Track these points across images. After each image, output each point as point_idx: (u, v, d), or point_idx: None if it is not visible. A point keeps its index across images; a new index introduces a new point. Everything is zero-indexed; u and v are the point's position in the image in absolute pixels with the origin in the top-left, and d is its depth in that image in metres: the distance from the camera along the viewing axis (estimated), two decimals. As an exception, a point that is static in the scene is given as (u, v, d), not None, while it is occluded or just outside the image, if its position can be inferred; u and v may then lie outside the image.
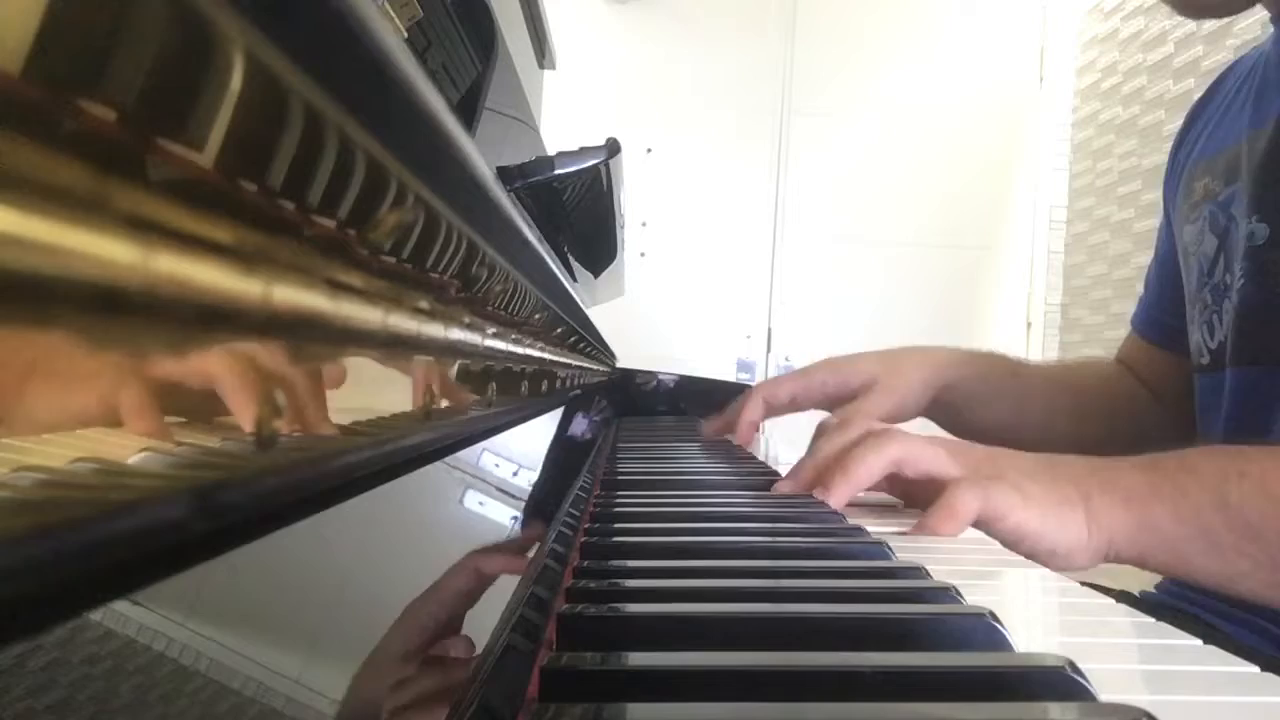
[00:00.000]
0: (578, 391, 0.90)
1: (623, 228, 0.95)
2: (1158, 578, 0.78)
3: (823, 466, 0.59)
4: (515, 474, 0.44)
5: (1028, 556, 0.50)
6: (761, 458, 0.86)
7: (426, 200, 0.21)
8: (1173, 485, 0.52)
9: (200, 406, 0.15)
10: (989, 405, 0.88)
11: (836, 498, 0.55)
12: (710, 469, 0.77)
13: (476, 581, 0.30)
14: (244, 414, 0.16)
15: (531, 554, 0.37)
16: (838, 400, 0.87)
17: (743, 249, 2.84)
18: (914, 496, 0.61)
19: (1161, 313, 0.92)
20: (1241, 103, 0.77)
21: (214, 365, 0.15)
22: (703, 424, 0.97)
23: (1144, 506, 0.52)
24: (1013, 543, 0.51)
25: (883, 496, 0.63)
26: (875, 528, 0.50)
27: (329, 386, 0.20)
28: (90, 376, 0.12)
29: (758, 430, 0.91)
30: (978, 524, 0.52)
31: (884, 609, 0.30)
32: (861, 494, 0.58)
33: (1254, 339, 0.71)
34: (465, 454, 0.36)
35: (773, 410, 0.90)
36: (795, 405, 0.89)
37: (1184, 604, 0.73)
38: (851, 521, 0.48)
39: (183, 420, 0.15)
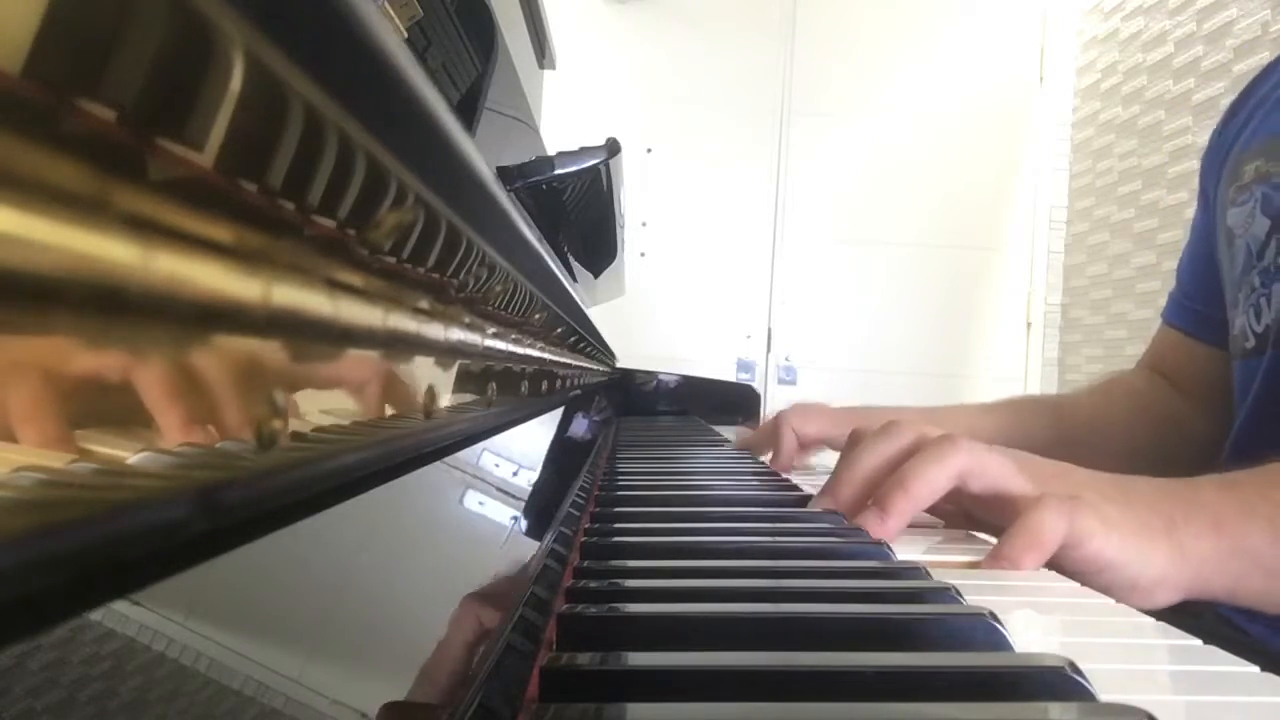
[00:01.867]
0: (578, 391, 0.90)
1: (623, 228, 0.95)
2: None
3: (871, 479, 0.51)
4: (515, 474, 0.44)
5: (1103, 590, 0.43)
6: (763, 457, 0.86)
7: (426, 200, 0.21)
8: (1268, 503, 0.46)
9: (199, 406, 0.15)
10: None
11: (896, 518, 0.47)
12: (710, 469, 0.77)
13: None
14: (244, 415, 0.16)
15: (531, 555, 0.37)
16: None
17: (743, 249, 2.84)
18: (975, 516, 0.52)
19: (1193, 301, 0.89)
20: None
21: (213, 365, 0.15)
22: (719, 434, 0.95)
23: (1237, 528, 0.46)
24: (1088, 573, 0.44)
25: (922, 516, 0.54)
26: (928, 557, 0.45)
27: (330, 386, 0.20)
28: (90, 376, 0.12)
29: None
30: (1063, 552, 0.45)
31: (884, 609, 0.30)
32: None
33: None
34: (465, 454, 0.36)
35: (801, 448, 0.84)
36: (820, 445, 0.85)
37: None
38: (901, 555, 0.41)
39: (183, 420, 0.15)
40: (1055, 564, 0.45)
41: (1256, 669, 0.29)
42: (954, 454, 0.48)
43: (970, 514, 0.52)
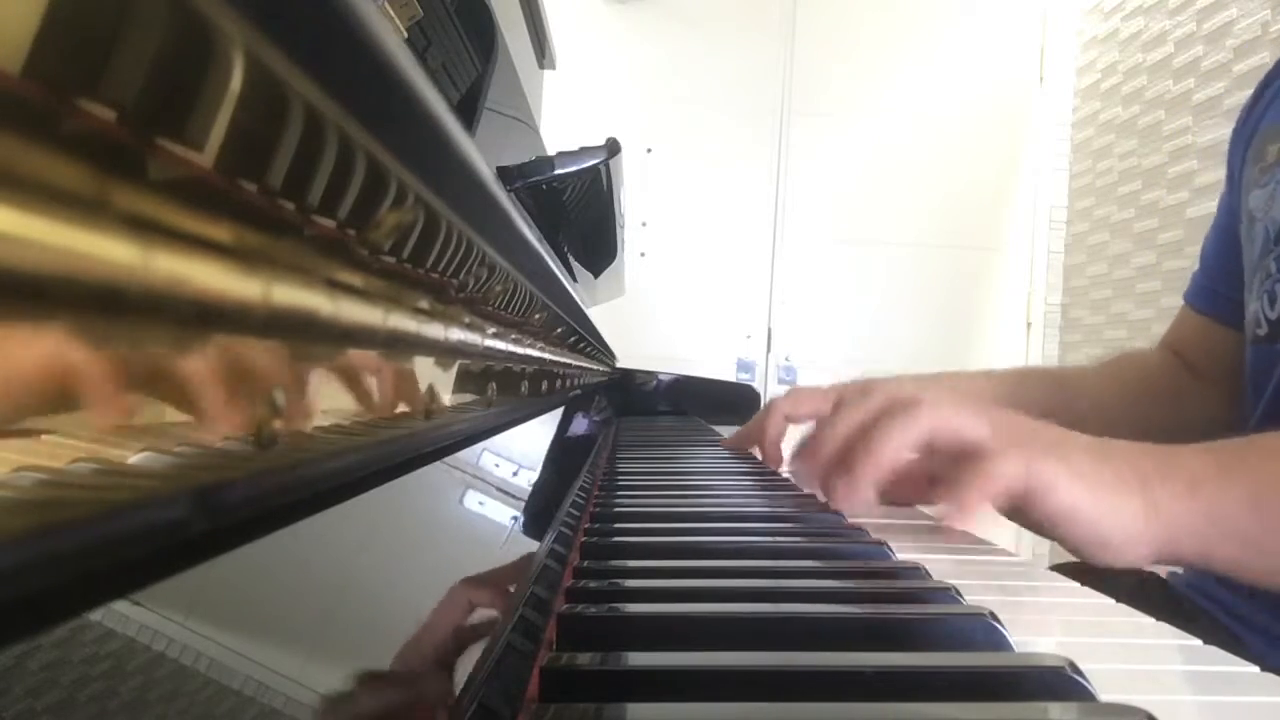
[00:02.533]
0: (578, 391, 0.90)
1: (623, 228, 0.95)
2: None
3: (845, 443, 0.51)
4: (515, 474, 0.44)
5: (1073, 548, 0.44)
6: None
7: (426, 200, 0.21)
8: (1246, 469, 0.45)
9: (199, 406, 0.15)
10: None
11: (862, 480, 0.48)
12: (710, 469, 0.77)
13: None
14: (244, 415, 0.16)
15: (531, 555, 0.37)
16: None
17: (743, 249, 2.84)
18: (948, 477, 0.51)
19: (1215, 283, 0.88)
20: None
21: (213, 365, 0.15)
22: (719, 434, 0.94)
23: (1213, 492, 0.45)
24: (1057, 526, 0.45)
25: (922, 516, 0.56)
26: (884, 520, 0.47)
27: (330, 386, 0.20)
28: (90, 376, 0.12)
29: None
30: (1016, 510, 0.46)
31: (884, 609, 0.30)
32: (885, 515, 0.51)
33: None
34: (465, 454, 0.36)
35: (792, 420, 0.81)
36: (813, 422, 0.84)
37: (1202, 598, 0.72)
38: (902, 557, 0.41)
39: (183, 421, 0.15)
40: (1028, 524, 0.45)
41: (1256, 669, 0.29)
42: (920, 413, 0.48)
43: (942, 476, 0.51)
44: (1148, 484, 0.45)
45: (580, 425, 0.91)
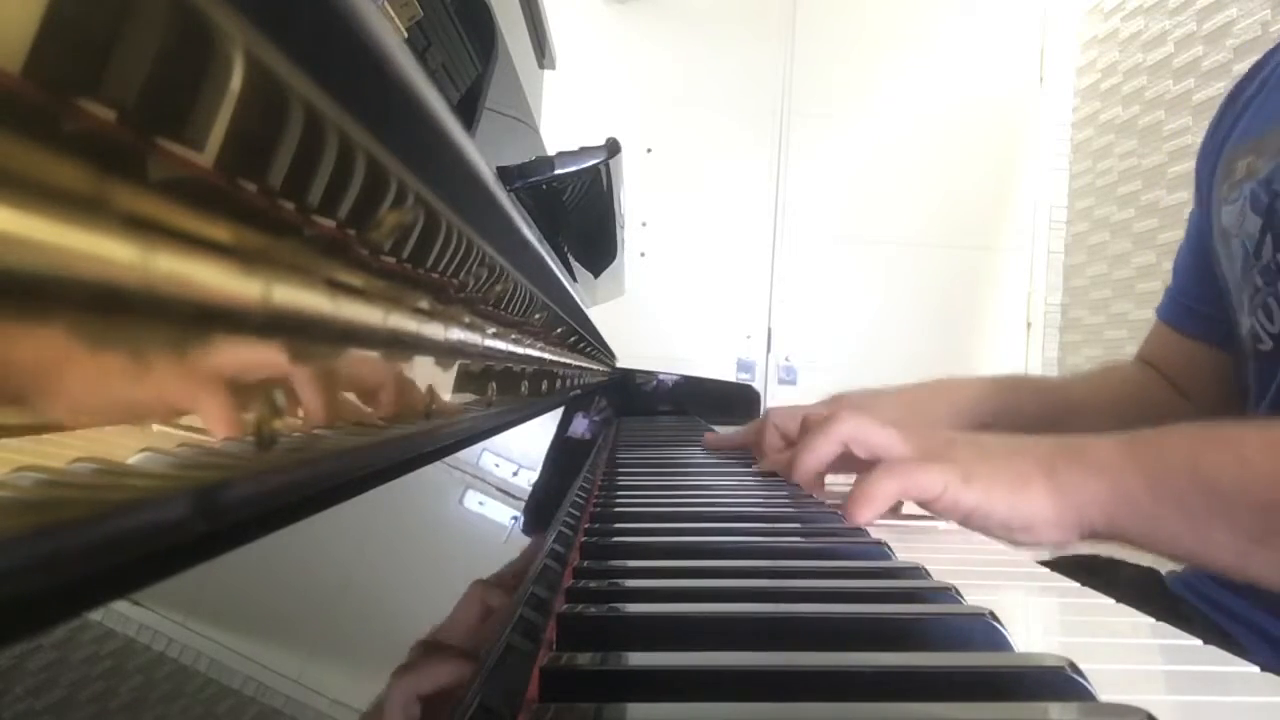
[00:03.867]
0: (578, 391, 0.90)
1: (623, 228, 0.95)
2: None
3: (787, 452, 0.65)
4: (515, 474, 0.44)
5: (985, 534, 0.51)
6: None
7: (426, 200, 0.21)
8: (1148, 454, 0.51)
9: (199, 406, 0.15)
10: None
11: (797, 477, 0.61)
12: (710, 469, 0.77)
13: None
14: (244, 415, 0.16)
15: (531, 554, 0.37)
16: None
17: (743, 249, 2.84)
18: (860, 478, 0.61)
19: (1194, 300, 0.89)
20: None
21: (213, 365, 0.15)
22: (706, 435, 0.96)
23: (1117, 475, 0.50)
24: (971, 521, 0.52)
25: (911, 516, 0.61)
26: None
27: (330, 386, 0.20)
28: (90, 376, 0.12)
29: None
30: (939, 511, 0.53)
31: (884, 609, 0.30)
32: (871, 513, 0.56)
33: None
34: (465, 454, 0.36)
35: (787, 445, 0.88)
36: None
37: (1198, 599, 0.73)
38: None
39: (183, 420, 0.15)
40: (956, 521, 0.53)
41: (1256, 669, 0.29)
42: (838, 426, 0.60)
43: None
44: (1053, 471, 0.51)
45: (580, 425, 0.91)
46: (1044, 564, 0.53)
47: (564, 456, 0.65)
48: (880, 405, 0.86)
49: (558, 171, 0.51)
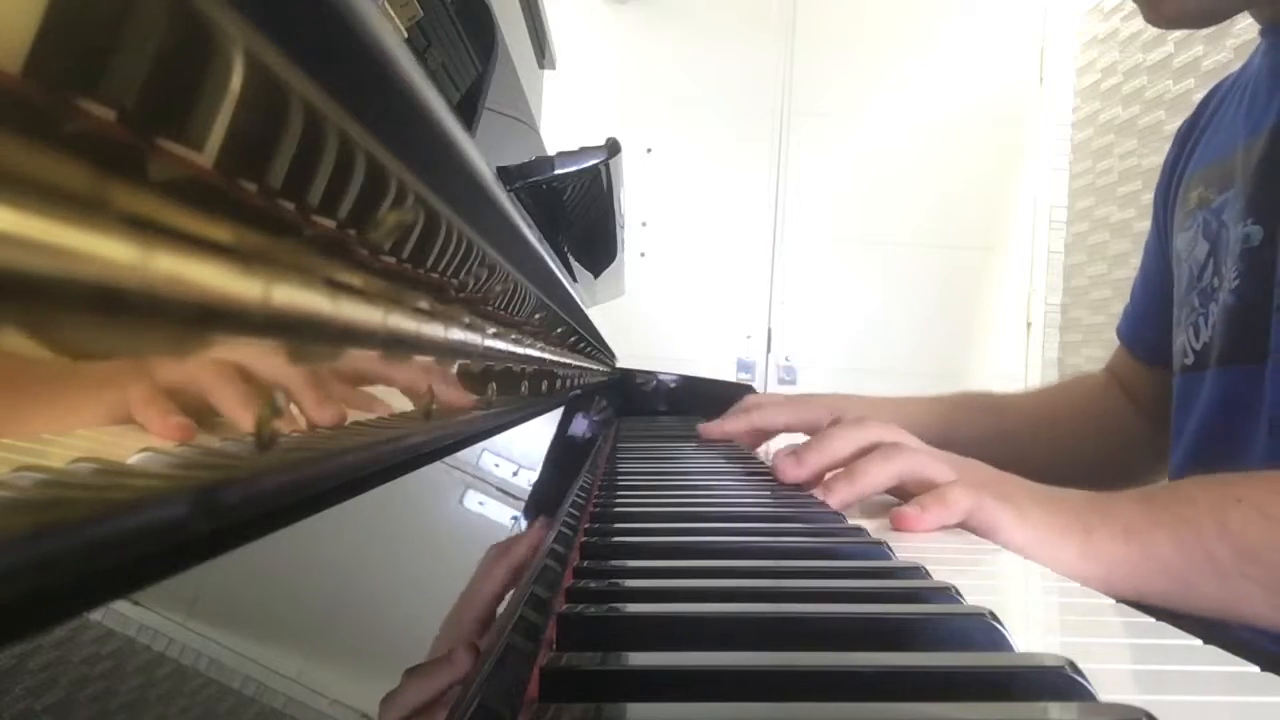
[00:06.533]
0: (578, 391, 0.90)
1: (623, 228, 0.95)
2: None
3: (833, 463, 0.62)
4: (515, 474, 0.44)
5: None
6: (762, 457, 0.86)
7: (426, 200, 0.21)
8: (1171, 514, 0.52)
9: (200, 407, 0.15)
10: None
11: (836, 502, 0.58)
12: (710, 469, 0.77)
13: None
14: (243, 415, 0.16)
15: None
16: None
17: (743, 249, 2.84)
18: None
19: (1146, 326, 0.95)
20: (1233, 115, 0.80)
21: (213, 365, 0.15)
22: (700, 427, 0.99)
23: (1145, 536, 0.52)
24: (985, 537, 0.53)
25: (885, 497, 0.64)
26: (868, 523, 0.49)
27: (330, 386, 0.20)
28: (90, 376, 0.12)
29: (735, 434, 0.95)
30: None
31: (884, 609, 0.30)
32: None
33: (1241, 338, 0.72)
34: (465, 454, 0.36)
35: (764, 435, 0.94)
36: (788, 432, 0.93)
37: None
38: (852, 523, 0.48)
39: (183, 420, 0.15)
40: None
41: (1256, 669, 0.29)
42: (899, 458, 0.58)
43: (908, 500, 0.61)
44: (1089, 531, 0.53)
45: (580, 425, 0.91)
46: None
47: (564, 456, 0.65)
48: (858, 408, 0.92)
49: (558, 171, 0.51)
